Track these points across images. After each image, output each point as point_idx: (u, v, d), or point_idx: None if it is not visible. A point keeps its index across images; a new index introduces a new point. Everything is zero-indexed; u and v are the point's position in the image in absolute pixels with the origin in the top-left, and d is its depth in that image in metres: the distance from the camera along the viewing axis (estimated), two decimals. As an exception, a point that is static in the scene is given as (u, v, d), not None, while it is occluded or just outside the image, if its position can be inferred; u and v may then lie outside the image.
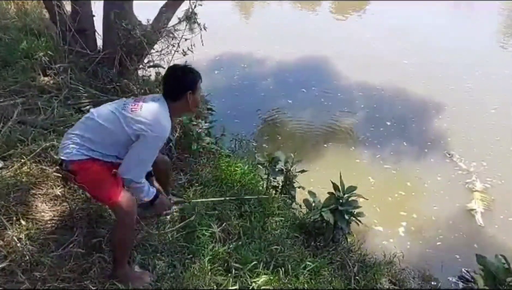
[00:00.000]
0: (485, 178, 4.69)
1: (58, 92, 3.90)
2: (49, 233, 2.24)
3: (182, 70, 2.21)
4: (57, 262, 2.07)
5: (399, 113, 6.07)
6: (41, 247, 2.13)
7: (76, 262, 2.12)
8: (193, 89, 2.17)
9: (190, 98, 2.16)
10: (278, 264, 2.43)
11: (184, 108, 2.23)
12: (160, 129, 2.04)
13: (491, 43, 8.96)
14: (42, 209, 2.41)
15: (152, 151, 2.08)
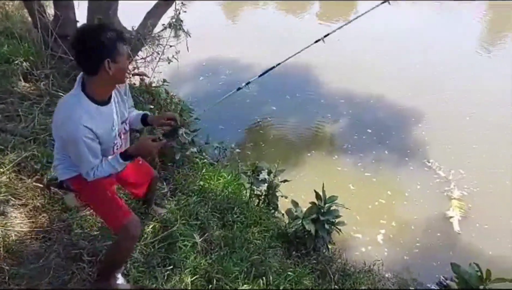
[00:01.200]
0: (463, 186, 4.82)
1: (39, 99, 3.85)
2: (28, 244, 2.22)
3: (91, 33, 1.72)
4: (36, 274, 2.05)
5: (379, 121, 6.20)
6: (20, 259, 2.11)
7: (56, 273, 2.10)
8: (111, 56, 1.70)
9: (111, 68, 1.71)
10: (259, 274, 2.46)
11: (109, 82, 1.80)
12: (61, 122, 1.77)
13: (469, 50, 9.19)
14: (21, 220, 2.38)
15: (74, 149, 1.79)
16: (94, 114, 1.77)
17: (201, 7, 11.57)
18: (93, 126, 1.74)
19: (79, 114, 1.71)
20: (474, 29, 10.70)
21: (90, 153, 1.79)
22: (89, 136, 1.74)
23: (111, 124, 1.87)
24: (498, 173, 5.03)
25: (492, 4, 12.54)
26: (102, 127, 1.80)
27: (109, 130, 1.86)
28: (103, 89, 1.82)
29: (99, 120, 1.79)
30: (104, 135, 1.83)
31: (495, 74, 7.96)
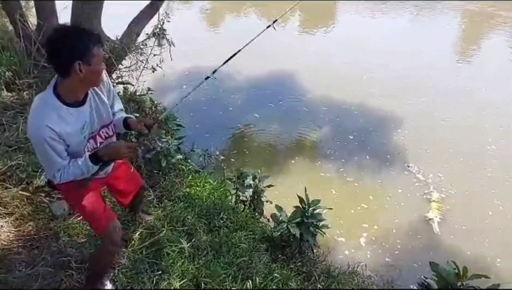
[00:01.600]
0: (441, 188, 4.98)
1: (22, 108, 3.84)
2: (16, 253, 2.22)
3: (63, 34, 1.67)
4: (25, 282, 2.06)
5: (360, 127, 6.35)
6: (8, 267, 2.11)
7: (44, 280, 2.12)
8: (82, 58, 1.65)
9: (82, 70, 1.65)
10: (247, 276, 2.52)
11: (80, 83, 1.73)
12: (28, 123, 1.74)
13: (444, 56, 9.54)
14: (8, 229, 2.38)
15: (39, 152, 1.78)
16: (62, 115, 1.73)
17: (183, 15, 11.69)
18: (57, 127, 1.70)
19: (43, 115, 1.69)
20: (449, 37, 11.12)
21: (55, 154, 1.75)
22: (52, 136, 1.69)
23: (81, 126, 1.82)
24: (473, 175, 5.23)
25: (466, 12, 13.09)
26: (70, 128, 1.76)
27: (79, 132, 1.82)
28: (75, 90, 1.76)
29: (67, 121, 1.75)
30: (72, 137, 1.78)
31: (469, 79, 8.30)
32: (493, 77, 8.40)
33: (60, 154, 1.77)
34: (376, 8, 13.48)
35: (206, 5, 13.45)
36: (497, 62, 9.30)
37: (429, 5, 13.71)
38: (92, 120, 1.88)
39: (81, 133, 1.83)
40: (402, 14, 13.20)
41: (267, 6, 11.15)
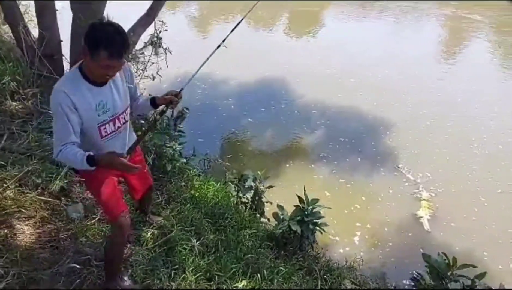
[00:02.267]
0: (430, 187, 5.23)
1: (28, 117, 3.96)
2: (39, 253, 2.36)
3: (95, 25, 1.83)
4: (51, 279, 2.21)
5: (351, 130, 6.61)
6: (34, 265, 2.26)
7: (68, 278, 2.26)
8: (89, 47, 1.78)
9: (89, 63, 1.83)
10: (254, 271, 2.70)
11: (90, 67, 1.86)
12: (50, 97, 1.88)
13: (428, 60, 9.93)
14: (29, 232, 2.52)
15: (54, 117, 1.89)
16: (81, 88, 1.87)
17: (173, 23, 11.84)
18: (74, 96, 1.82)
19: (64, 84, 1.85)
20: (433, 40, 11.54)
21: (67, 124, 1.84)
22: (68, 104, 1.80)
23: (97, 103, 1.93)
24: (459, 174, 5.51)
25: (449, 16, 13.57)
26: (85, 102, 1.87)
27: (94, 108, 1.92)
28: (91, 73, 1.89)
29: (85, 95, 1.87)
30: (86, 112, 1.89)
31: (452, 81, 8.69)
32: (474, 79, 8.80)
33: (72, 126, 1.86)
34: (362, 13, 13.89)
35: (193, 11, 13.65)
36: (478, 64, 9.76)
37: (412, 9, 14.19)
38: (111, 103, 2.01)
39: (95, 110, 1.94)
40: (387, 18, 13.63)
41: (255, 11, 11.41)
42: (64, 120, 1.83)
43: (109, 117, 2.03)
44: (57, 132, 1.89)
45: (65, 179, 3.03)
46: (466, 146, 6.16)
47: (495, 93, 8.14)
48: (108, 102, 1.99)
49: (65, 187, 2.96)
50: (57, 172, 3.08)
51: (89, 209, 2.92)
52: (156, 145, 3.61)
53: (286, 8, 13.98)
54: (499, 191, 5.21)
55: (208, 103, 7.38)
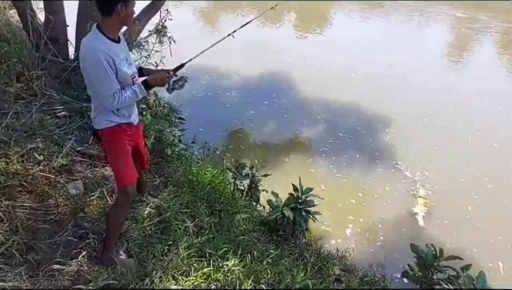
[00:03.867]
0: (427, 185, 5.29)
1: (33, 99, 4.05)
2: (39, 224, 2.46)
3: None
4: (49, 249, 2.30)
5: (350, 126, 6.67)
6: (34, 236, 2.35)
7: (66, 249, 2.36)
8: (124, 1, 2.11)
9: (122, 10, 2.11)
10: (245, 251, 2.78)
11: (118, 22, 2.18)
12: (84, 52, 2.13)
13: (431, 58, 9.98)
14: (30, 204, 2.62)
15: (96, 72, 2.13)
16: (107, 45, 2.14)
17: (180, 15, 11.91)
18: (108, 51, 2.10)
19: (97, 42, 2.11)
20: (436, 40, 11.58)
21: (111, 74, 2.13)
22: (107, 57, 2.09)
23: (124, 56, 2.24)
24: (454, 172, 5.58)
25: (455, 18, 13.57)
26: (118, 57, 2.16)
27: (124, 61, 2.22)
28: (114, 28, 2.19)
29: (113, 50, 2.15)
30: (121, 65, 2.18)
31: (454, 80, 8.77)
32: (476, 78, 8.88)
33: (113, 78, 2.15)
34: (368, 12, 13.90)
35: (201, 3, 13.70)
36: (481, 64, 9.81)
37: (421, 11, 14.19)
38: (130, 58, 2.32)
39: (125, 62, 2.24)
40: (394, 17, 13.65)
41: (263, 5, 11.45)
42: (107, 73, 2.11)
43: (135, 71, 2.34)
44: (104, 84, 2.14)
45: (67, 157, 3.13)
46: (461, 145, 6.23)
47: (495, 92, 8.21)
48: (129, 57, 2.31)
49: (66, 164, 3.06)
50: (58, 150, 3.18)
51: (89, 186, 3.02)
52: (156, 129, 3.70)
53: (294, 5, 14.01)
54: (489, 187, 5.31)
55: (211, 94, 7.46)
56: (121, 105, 2.22)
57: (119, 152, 2.36)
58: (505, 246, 4.40)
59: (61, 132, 3.61)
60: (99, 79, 2.14)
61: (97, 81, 2.15)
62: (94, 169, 3.31)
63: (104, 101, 2.20)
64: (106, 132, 2.32)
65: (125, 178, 2.37)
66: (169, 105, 4.59)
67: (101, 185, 3.11)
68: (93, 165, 3.35)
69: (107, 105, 2.21)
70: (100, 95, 2.20)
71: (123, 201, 2.40)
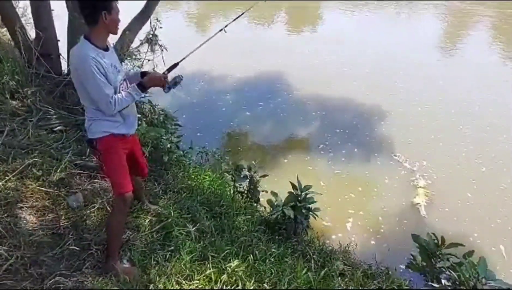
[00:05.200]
0: (425, 175, 5.32)
1: (28, 115, 4.07)
2: (42, 239, 2.48)
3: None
4: (53, 262, 2.32)
5: (346, 121, 6.71)
6: (37, 250, 2.38)
7: (69, 261, 2.38)
8: (107, 9, 2.18)
9: (106, 18, 2.18)
10: (247, 252, 2.80)
11: (104, 30, 2.24)
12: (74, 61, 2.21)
13: (422, 50, 10.04)
14: (31, 220, 2.64)
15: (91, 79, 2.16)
16: (98, 53, 2.19)
17: (170, 21, 11.96)
18: (97, 58, 2.15)
19: (85, 50, 2.16)
20: (427, 33, 11.62)
21: (103, 80, 2.18)
22: (96, 64, 2.14)
23: (113, 63, 2.28)
24: (451, 160, 5.62)
25: (445, 9, 13.62)
26: (106, 64, 2.20)
27: (113, 69, 2.26)
28: (101, 37, 2.25)
29: (103, 58, 2.20)
30: (109, 73, 2.22)
31: (445, 69, 8.84)
32: (468, 67, 8.97)
33: (106, 83, 2.20)
34: (358, 7, 13.95)
35: (191, 9, 13.73)
36: (470, 53, 9.88)
37: (409, 3, 14.24)
38: (119, 65, 2.35)
39: (114, 69, 2.28)
40: (383, 12, 13.70)
41: (255, 11, 11.49)
42: (99, 78, 2.16)
43: (122, 78, 2.38)
44: (100, 90, 2.19)
45: (65, 171, 3.16)
46: (457, 132, 6.29)
47: (487, 78, 8.29)
48: (117, 65, 2.34)
49: (65, 177, 3.08)
50: (57, 165, 3.20)
51: (89, 198, 3.04)
52: (152, 137, 3.72)
53: (284, 4, 14.05)
54: (483, 170, 5.37)
55: (206, 99, 7.50)
56: (119, 108, 2.27)
57: (115, 161, 2.39)
58: (506, 229, 4.44)
59: (58, 147, 3.63)
60: (94, 85, 2.17)
61: (93, 87, 2.19)
62: (93, 181, 3.33)
63: (103, 106, 2.23)
64: (101, 142, 2.35)
65: (122, 186, 2.40)
66: (165, 112, 4.61)
67: (101, 196, 3.13)
68: (92, 177, 3.37)
69: (107, 110, 2.24)
70: (98, 101, 2.22)
71: (121, 208, 2.44)
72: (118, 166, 2.40)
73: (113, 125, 2.35)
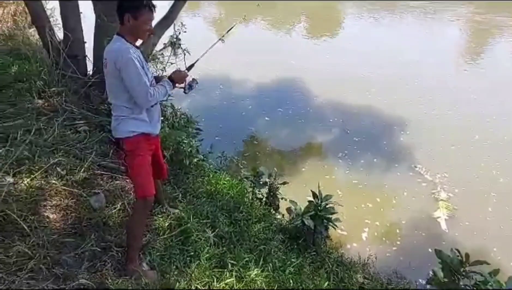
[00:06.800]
0: (448, 188, 5.18)
1: (54, 114, 4.15)
2: (64, 239, 2.51)
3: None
4: (74, 262, 2.35)
5: (365, 129, 6.62)
6: (59, 250, 2.41)
7: (90, 262, 2.40)
8: (131, 12, 2.21)
9: (130, 21, 2.22)
10: (266, 261, 2.78)
11: (129, 32, 2.27)
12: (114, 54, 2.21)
13: (445, 60, 9.90)
14: (54, 219, 2.67)
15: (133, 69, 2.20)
16: (134, 50, 2.26)
17: (192, 23, 12.08)
18: (134, 54, 2.22)
19: (124, 45, 2.23)
20: (452, 42, 11.41)
21: (143, 71, 2.24)
22: (136, 57, 2.21)
23: (144, 62, 2.32)
24: (473, 173, 5.47)
25: (470, 20, 13.38)
26: (141, 60, 2.27)
27: (144, 65, 2.32)
28: (129, 37, 2.29)
29: (138, 54, 2.28)
30: (143, 69, 2.28)
31: (468, 79, 8.65)
32: (491, 78, 8.73)
33: (144, 76, 2.25)
34: (379, 12, 13.83)
35: (212, 13, 13.83)
36: (498, 65, 9.66)
37: (433, 12, 14.04)
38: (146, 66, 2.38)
39: (146, 66, 2.35)
40: (407, 20, 13.54)
41: (274, 16, 11.51)
42: (140, 72, 2.22)
43: (151, 77, 2.44)
44: (141, 79, 2.23)
45: (88, 171, 3.20)
46: (477, 144, 6.12)
47: (507, 90, 8.07)
48: (146, 64, 2.37)
49: (88, 177, 3.12)
50: (80, 164, 3.25)
51: (110, 199, 3.07)
52: (174, 141, 3.74)
53: (304, 9, 14.04)
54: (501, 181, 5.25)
55: (225, 103, 7.52)
56: (155, 100, 2.32)
57: (140, 163, 2.41)
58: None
59: (82, 146, 3.69)
60: (136, 74, 2.21)
61: (134, 77, 2.21)
62: (114, 181, 3.36)
63: (141, 97, 2.26)
64: (128, 142, 2.37)
65: (145, 189, 2.42)
66: (186, 116, 4.64)
67: (122, 197, 3.16)
68: (114, 178, 3.40)
69: (144, 101, 2.28)
70: (138, 92, 2.25)
71: (142, 211, 2.46)
72: (142, 168, 2.42)
73: (140, 124, 2.38)
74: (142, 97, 2.27)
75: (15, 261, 2.20)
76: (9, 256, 2.21)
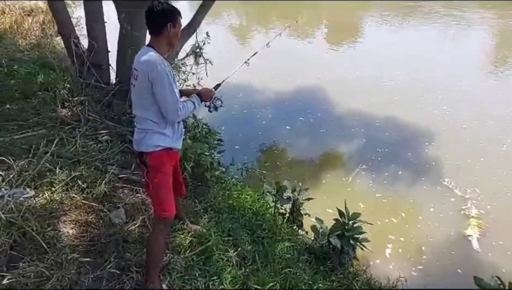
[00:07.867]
0: (479, 203, 4.90)
1: (76, 124, 4.14)
2: (83, 257, 2.44)
3: (161, 4, 2.24)
4: (93, 283, 2.27)
5: (388, 140, 6.39)
6: (78, 269, 2.33)
7: (109, 283, 2.31)
8: (173, 21, 2.24)
9: (171, 30, 2.22)
10: (292, 286, 2.64)
11: (166, 42, 2.26)
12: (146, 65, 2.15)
13: (468, 68, 9.57)
14: (73, 234, 2.61)
15: (166, 83, 2.14)
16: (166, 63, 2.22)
17: (213, 33, 12.09)
18: (168, 67, 2.19)
19: (158, 56, 2.18)
20: (479, 50, 11.03)
21: (175, 88, 2.20)
22: (170, 71, 2.18)
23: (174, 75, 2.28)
24: (506, 189, 5.16)
25: (496, 27, 12.94)
26: (172, 74, 2.22)
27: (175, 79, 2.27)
28: (163, 48, 2.27)
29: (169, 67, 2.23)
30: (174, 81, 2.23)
31: (496, 91, 8.27)
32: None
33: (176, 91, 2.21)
34: (401, 21, 13.54)
35: (232, 21, 13.82)
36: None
37: (456, 19, 13.66)
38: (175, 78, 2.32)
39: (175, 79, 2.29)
40: (429, 27, 13.21)
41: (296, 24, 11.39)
42: (173, 86, 2.18)
43: None
44: (173, 92, 2.19)
45: (109, 184, 3.14)
46: (508, 155, 5.85)
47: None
48: (175, 78, 2.32)
49: (108, 192, 3.06)
50: (101, 177, 3.19)
51: (130, 213, 2.99)
52: (195, 153, 3.65)
53: (325, 17, 13.88)
54: None
55: (246, 112, 7.42)
56: (184, 116, 2.30)
57: (161, 180, 2.32)
58: None
59: (103, 158, 3.64)
60: (169, 88, 2.16)
61: (168, 90, 2.16)
62: (135, 195, 3.29)
63: (171, 112, 2.21)
64: (152, 157, 2.29)
65: (165, 209, 2.33)
66: (207, 127, 4.56)
67: (143, 212, 3.08)
68: (134, 191, 3.33)
69: (174, 116, 2.23)
70: (168, 106, 2.19)
71: (161, 230, 2.38)
72: (164, 186, 2.33)
73: (165, 139, 2.30)
74: (173, 112, 2.21)
75: (32, 282, 2.12)
76: (26, 276, 2.14)
